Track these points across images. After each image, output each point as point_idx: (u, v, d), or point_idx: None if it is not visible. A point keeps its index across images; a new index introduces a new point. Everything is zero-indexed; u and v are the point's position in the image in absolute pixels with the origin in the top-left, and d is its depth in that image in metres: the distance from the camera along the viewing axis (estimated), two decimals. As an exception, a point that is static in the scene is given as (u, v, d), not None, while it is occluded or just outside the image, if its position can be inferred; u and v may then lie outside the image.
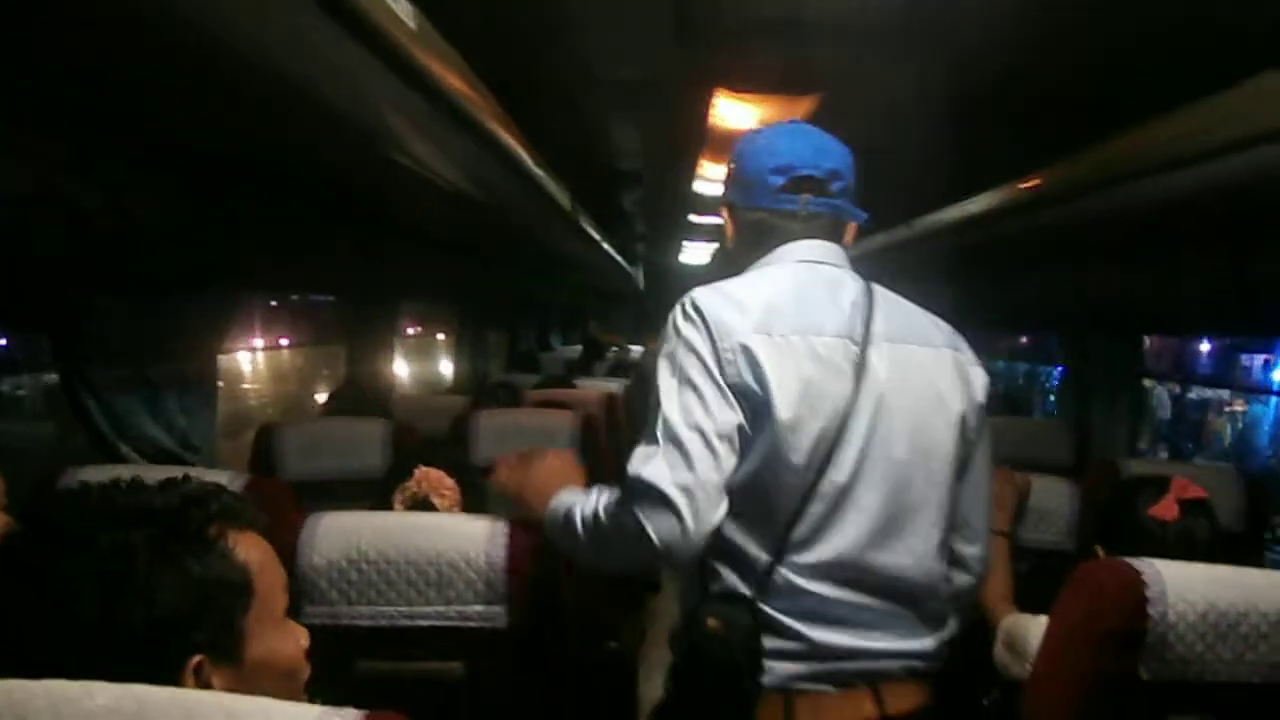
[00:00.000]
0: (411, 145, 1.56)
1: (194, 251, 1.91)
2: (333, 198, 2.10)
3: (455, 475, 1.62)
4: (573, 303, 9.66)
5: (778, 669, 1.20)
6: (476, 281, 4.70)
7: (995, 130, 2.15)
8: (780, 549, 1.20)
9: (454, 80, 1.45)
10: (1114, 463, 2.34)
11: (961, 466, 1.30)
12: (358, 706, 0.69)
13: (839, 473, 1.20)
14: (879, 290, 1.32)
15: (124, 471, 0.93)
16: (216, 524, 0.85)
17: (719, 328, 1.20)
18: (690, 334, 1.21)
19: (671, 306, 1.27)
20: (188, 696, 0.64)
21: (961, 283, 3.63)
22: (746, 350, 1.18)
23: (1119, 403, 3.09)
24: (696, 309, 1.22)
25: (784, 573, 1.20)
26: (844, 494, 1.20)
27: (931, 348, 1.31)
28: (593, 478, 2.55)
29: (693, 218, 5.69)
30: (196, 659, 0.78)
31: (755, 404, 1.18)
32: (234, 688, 0.79)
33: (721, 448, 1.16)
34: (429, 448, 2.40)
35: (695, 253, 8.26)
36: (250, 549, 0.87)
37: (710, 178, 4.01)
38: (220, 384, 2.55)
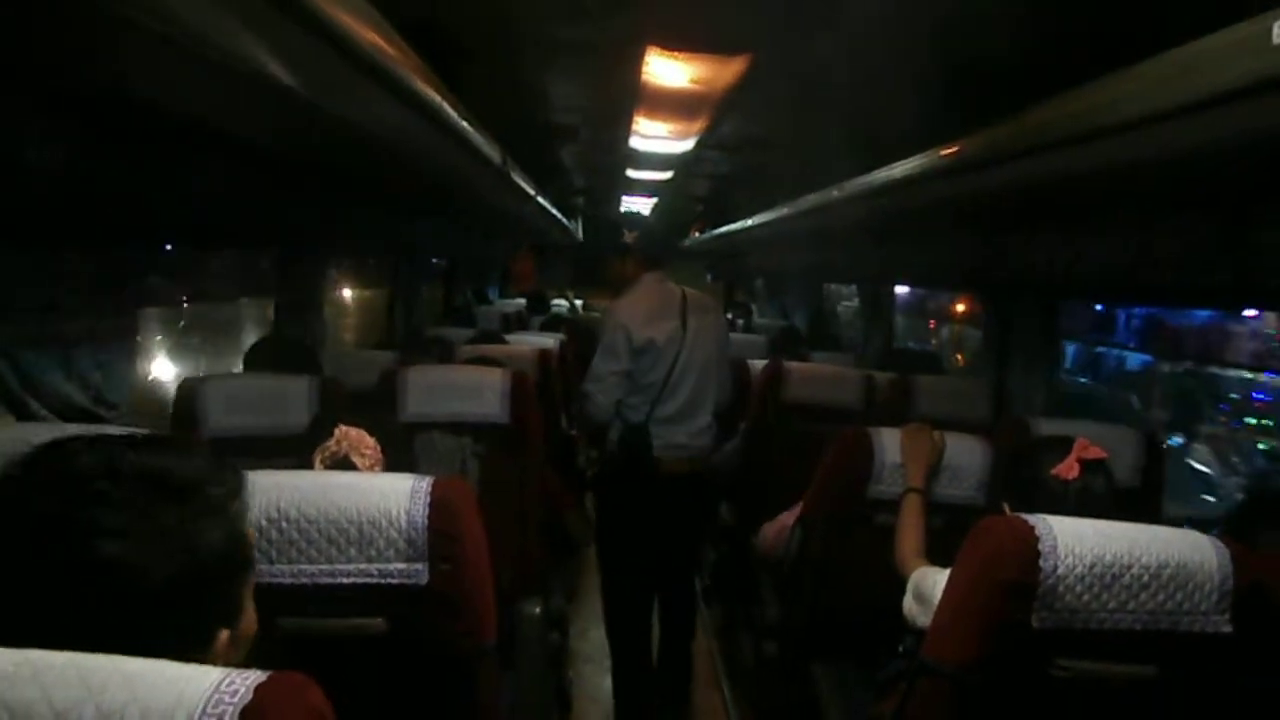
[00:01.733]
0: (331, 102, 1.53)
1: (106, 204, 1.85)
2: (249, 152, 2.05)
3: (377, 434, 1.62)
4: (513, 255, 9.57)
5: (655, 449, 2.95)
6: (406, 234, 4.63)
7: (918, 97, 2.19)
8: (653, 405, 2.96)
9: (374, 36, 1.43)
10: (1024, 421, 2.43)
11: (720, 367, 3.09)
12: (279, 664, 0.70)
13: (674, 376, 2.96)
14: (688, 291, 3.10)
15: (37, 431, 0.91)
16: (238, 497, 0.86)
17: (628, 324, 2.95)
18: (614, 326, 2.97)
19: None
20: (81, 659, 0.65)
21: (887, 244, 3.70)
22: (638, 333, 2.94)
23: (1035, 364, 3.20)
24: (614, 315, 3.00)
25: (656, 414, 2.96)
26: (678, 384, 2.97)
27: (709, 314, 3.10)
28: (521, 434, 2.75)
29: (631, 172, 5.66)
30: (225, 633, 0.79)
31: (643, 352, 2.94)
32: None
33: (617, 376, 2.95)
34: (351, 405, 2.39)
35: (634, 206, 8.23)
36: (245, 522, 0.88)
37: (646, 134, 4.00)
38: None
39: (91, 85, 1.49)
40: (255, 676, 0.66)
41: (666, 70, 2.59)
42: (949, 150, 2.19)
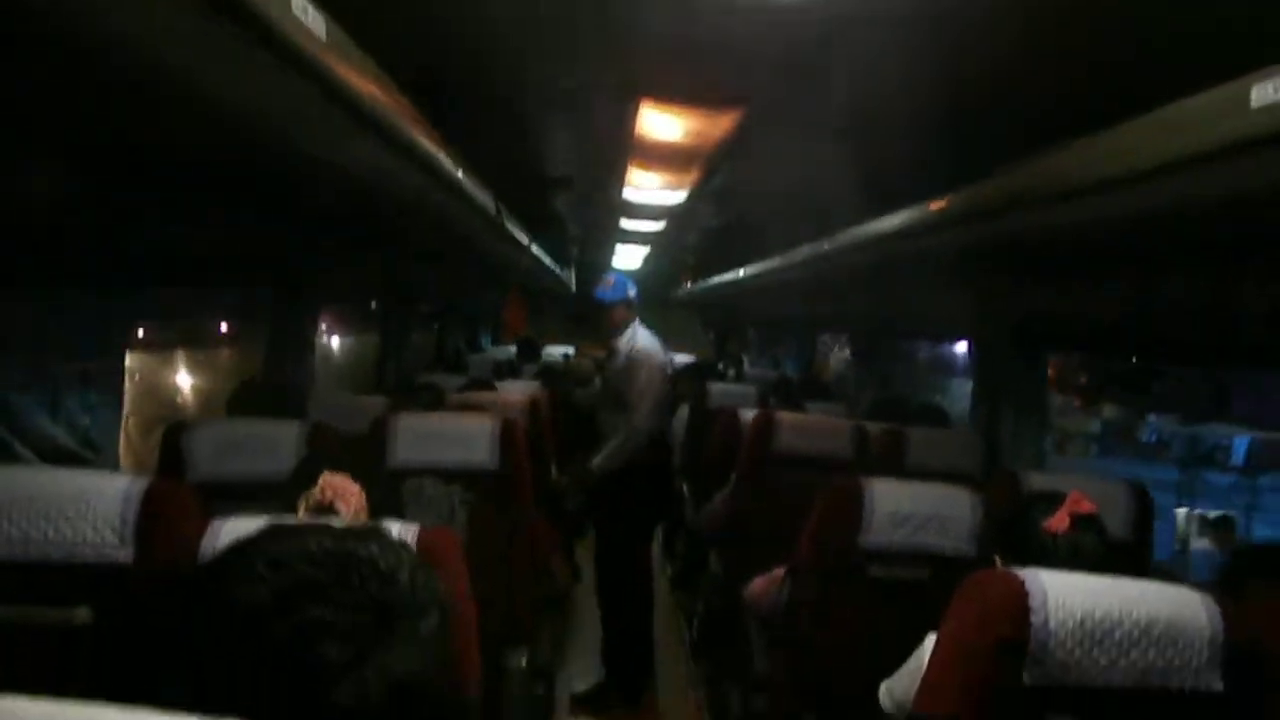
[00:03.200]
0: (326, 148, 1.55)
1: (98, 245, 1.86)
2: (242, 193, 2.06)
3: (363, 480, 1.61)
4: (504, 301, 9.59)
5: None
6: (399, 280, 4.66)
7: (908, 152, 2.23)
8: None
9: (368, 86, 1.45)
10: (1015, 474, 2.43)
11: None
12: None
13: None
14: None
15: (17, 474, 0.89)
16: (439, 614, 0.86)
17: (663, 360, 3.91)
18: (655, 366, 3.81)
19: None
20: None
21: (879, 294, 3.73)
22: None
23: (1026, 416, 3.21)
24: (652, 356, 3.82)
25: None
26: None
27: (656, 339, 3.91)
28: (510, 481, 2.72)
29: (624, 223, 5.70)
30: None
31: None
32: None
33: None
34: (340, 451, 2.37)
35: (629, 256, 8.28)
36: None
37: (640, 185, 4.05)
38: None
39: (89, 131, 1.51)
40: None
41: (659, 122, 2.63)
42: (938, 204, 2.22)
